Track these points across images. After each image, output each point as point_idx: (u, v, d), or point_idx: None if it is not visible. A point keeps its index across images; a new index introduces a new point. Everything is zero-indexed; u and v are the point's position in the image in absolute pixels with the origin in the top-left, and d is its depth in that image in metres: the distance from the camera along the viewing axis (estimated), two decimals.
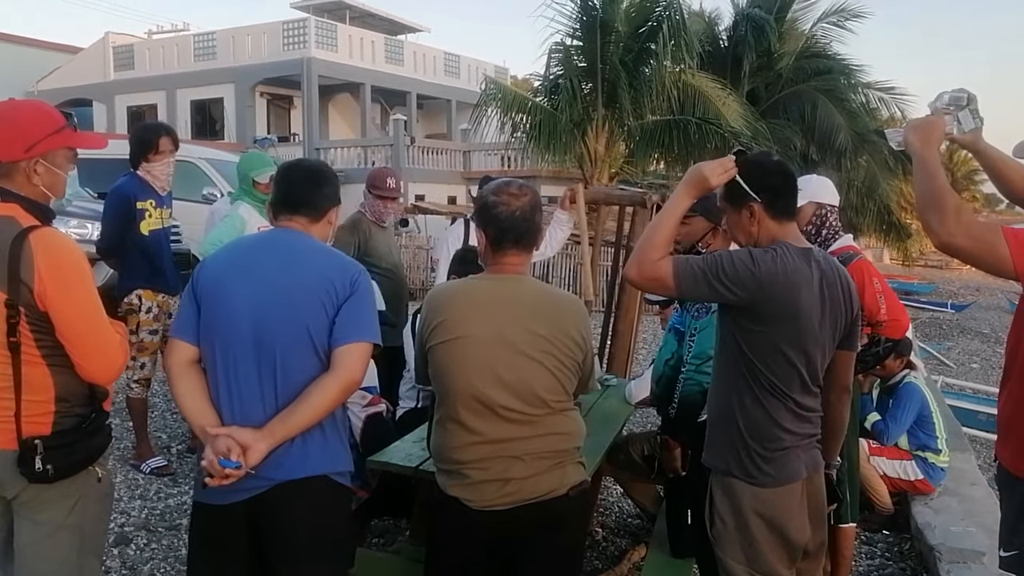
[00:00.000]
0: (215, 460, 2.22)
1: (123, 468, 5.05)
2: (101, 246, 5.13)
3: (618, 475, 4.51)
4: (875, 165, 20.53)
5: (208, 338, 2.38)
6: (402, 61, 30.48)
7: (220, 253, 2.56)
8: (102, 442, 2.38)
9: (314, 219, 2.51)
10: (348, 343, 2.35)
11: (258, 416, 2.32)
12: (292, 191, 2.51)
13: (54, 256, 2.19)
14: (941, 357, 13.90)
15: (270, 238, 2.52)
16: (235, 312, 2.34)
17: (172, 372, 2.40)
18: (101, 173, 9.70)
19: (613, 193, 6.33)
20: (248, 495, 2.32)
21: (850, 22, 20.48)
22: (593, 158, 16.54)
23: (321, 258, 2.46)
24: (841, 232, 3.99)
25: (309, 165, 2.63)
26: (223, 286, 2.38)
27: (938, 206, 2.15)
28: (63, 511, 2.32)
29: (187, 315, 2.41)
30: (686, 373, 3.35)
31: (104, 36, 30.90)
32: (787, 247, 2.51)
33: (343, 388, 2.36)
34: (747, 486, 2.55)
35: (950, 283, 30.47)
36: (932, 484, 4.99)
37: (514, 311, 2.45)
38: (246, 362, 2.34)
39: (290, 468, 2.33)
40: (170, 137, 5.02)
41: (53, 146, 2.30)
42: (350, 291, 2.39)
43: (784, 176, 2.61)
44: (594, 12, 15.51)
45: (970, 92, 2.51)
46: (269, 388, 2.34)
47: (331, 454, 2.44)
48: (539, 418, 2.45)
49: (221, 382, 2.36)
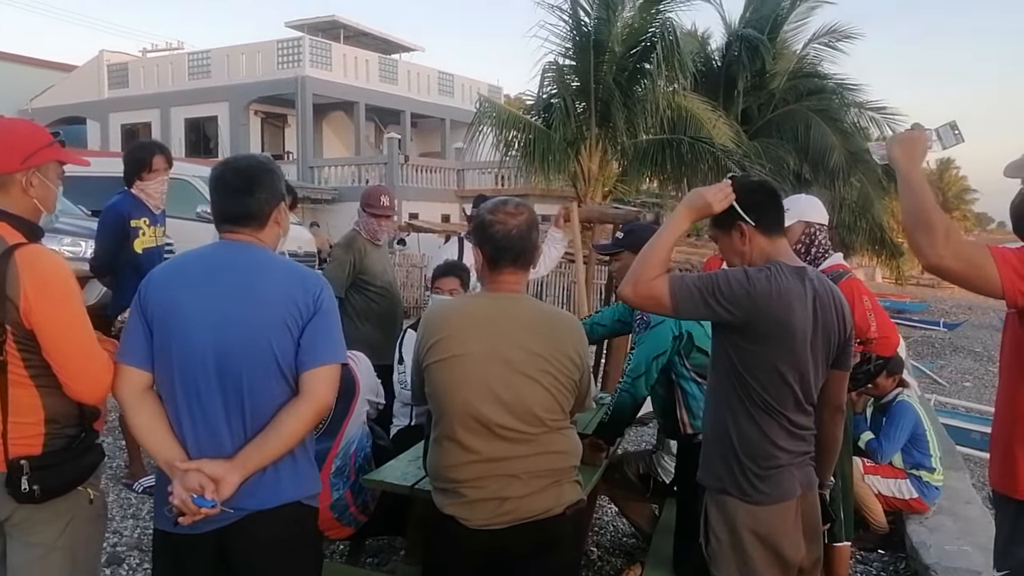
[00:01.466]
0: (188, 499, 2.11)
1: (116, 487, 5.02)
2: (95, 264, 5.12)
3: (613, 494, 4.50)
4: (868, 184, 20.65)
5: (164, 364, 2.23)
6: (396, 80, 30.60)
7: (166, 269, 2.36)
8: (92, 461, 2.35)
9: (258, 227, 2.33)
10: (316, 366, 2.24)
11: (225, 446, 2.20)
12: (225, 205, 2.32)
13: (40, 273, 2.17)
14: (934, 375, 13.93)
15: (221, 254, 2.32)
16: (194, 337, 2.19)
17: (126, 402, 2.25)
18: (95, 191, 9.71)
19: (607, 212, 6.36)
20: (218, 525, 2.21)
21: (841, 43, 20.69)
22: (587, 176, 16.58)
23: (280, 274, 2.30)
24: (831, 251, 4.01)
25: (238, 168, 2.34)
26: (177, 308, 2.22)
27: (927, 227, 2.15)
28: (55, 533, 2.30)
29: (136, 339, 2.24)
30: (623, 384, 3.48)
31: (99, 54, 30.97)
32: (781, 266, 2.53)
33: (316, 414, 2.26)
34: (741, 504, 2.55)
35: (942, 302, 30.59)
36: (927, 503, 4.99)
37: (511, 330, 2.46)
38: (209, 389, 2.20)
39: (262, 497, 2.23)
40: (164, 156, 5.02)
41: (47, 158, 2.34)
42: (314, 309, 2.25)
43: (768, 192, 2.65)
44: (587, 32, 15.60)
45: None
46: (236, 416, 2.22)
47: (302, 479, 2.35)
48: (536, 437, 2.45)
49: (183, 411, 2.22)
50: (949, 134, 2.45)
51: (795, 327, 2.47)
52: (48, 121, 30.49)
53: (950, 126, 2.45)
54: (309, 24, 30.03)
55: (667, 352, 3.38)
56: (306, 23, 30.08)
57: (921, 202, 2.20)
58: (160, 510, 2.29)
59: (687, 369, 3.43)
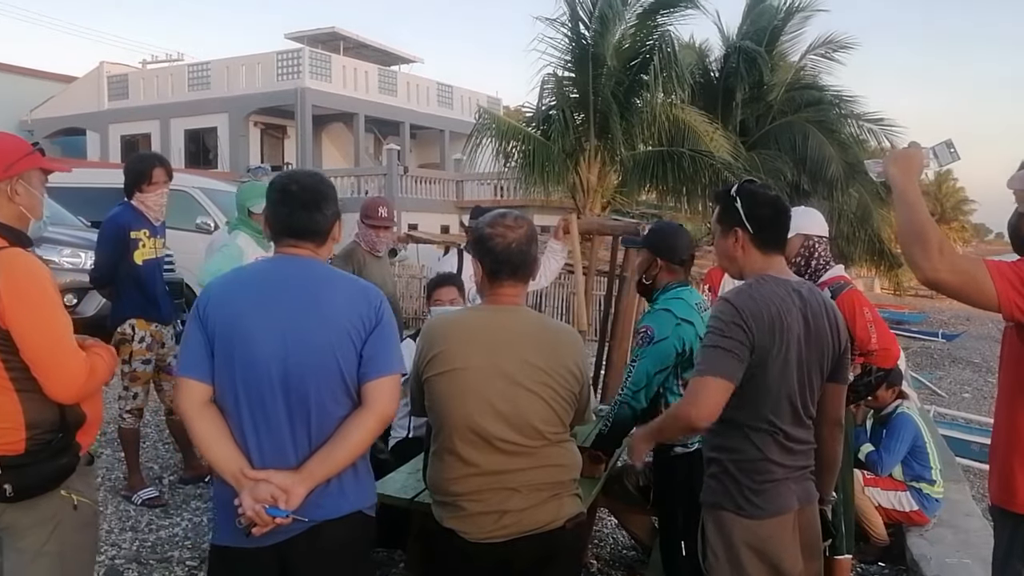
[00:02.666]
0: (261, 510, 2.14)
1: (114, 499, 5.01)
2: (95, 275, 5.13)
3: (613, 506, 4.49)
4: (866, 195, 20.68)
5: (228, 377, 2.23)
6: (395, 91, 30.68)
7: (227, 284, 2.38)
8: (67, 463, 2.34)
9: (321, 242, 2.38)
10: (380, 377, 2.28)
11: (289, 457, 2.23)
12: (295, 218, 2.34)
13: (15, 274, 2.23)
14: (933, 387, 13.91)
15: (284, 268, 2.35)
16: (260, 350, 2.21)
17: (189, 414, 2.24)
18: (95, 202, 9.73)
19: (607, 223, 6.36)
20: (284, 537, 2.23)
21: (838, 53, 20.77)
22: (585, 188, 16.62)
23: (343, 288, 2.35)
24: (831, 263, 4.01)
25: (306, 185, 2.38)
26: (241, 322, 2.24)
27: (922, 241, 2.17)
28: (41, 538, 2.33)
29: (198, 352, 2.25)
30: (622, 396, 3.44)
31: (99, 65, 31.04)
32: (766, 278, 2.54)
33: (381, 424, 2.31)
34: (738, 519, 2.55)
35: (941, 312, 30.57)
36: (927, 515, 4.98)
37: (511, 342, 2.46)
38: (274, 401, 2.22)
39: (329, 508, 2.26)
40: (164, 168, 5.04)
41: (28, 166, 2.40)
42: (376, 321, 2.30)
43: (775, 210, 2.64)
44: (585, 44, 15.67)
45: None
46: (301, 428, 2.24)
47: (363, 489, 2.39)
48: (536, 450, 2.45)
49: (247, 423, 2.24)
50: (945, 152, 2.46)
51: (787, 340, 2.48)
52: (48, 132, 30.61)
53: (946, 144, 2.47)
54: (309, 36, 30.12)
55: (669, 368, 3.37)
56: (306, 35, 30.17)
57: (917, 217, 2.21)
58: (224, 525, 2.30)
59: (678, 384, 3.41)
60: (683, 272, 3.53)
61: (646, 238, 3.63)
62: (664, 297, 3.45)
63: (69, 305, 8.38)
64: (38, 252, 7.62)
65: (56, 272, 8.91)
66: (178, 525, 4.70)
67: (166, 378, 5.19)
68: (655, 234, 3.60)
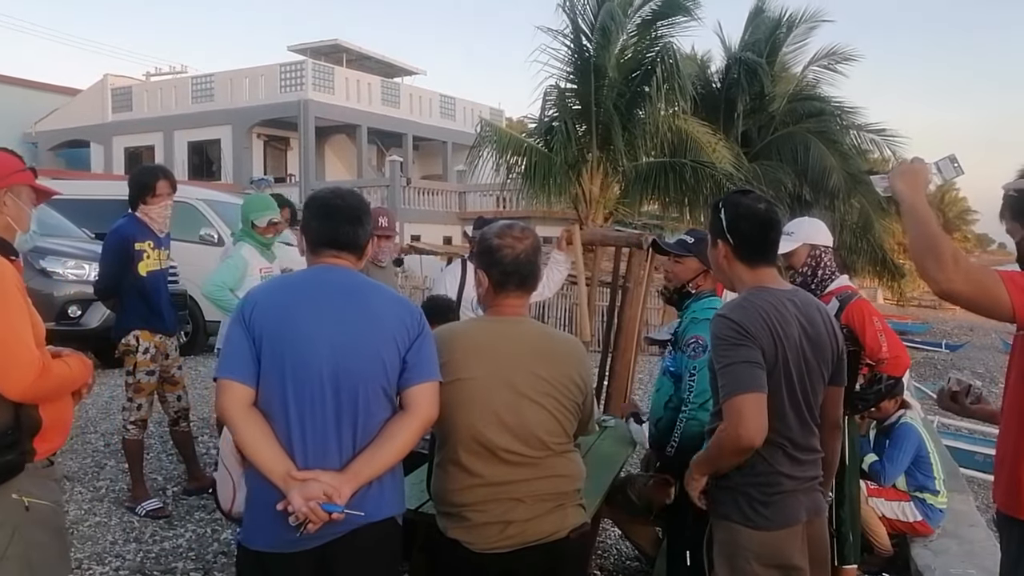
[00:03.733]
0: (316, 506, 2.16)
1: (118, 511, 5.01)
2: (99, 287, 5.15)
3: (616, 517, 4.48)
4: (868, 206, 20.69)
5: (276, 380, 2.28)
6: (398, 103, 30.78)
7: (273, 290, 2.46)
8: (12, 462, 2.34)
9: (360, 255, 2.50)
10: (422, 382, 2.35)
11: (332, 460, 2.27)
12: (339, 231, 2.43)
13: None
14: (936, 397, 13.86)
15: (329, 276, 2.43)
16: (312, 354, 2.27)
17: (234, 415, 2.28)
18: (99, 214, 9.77)
19: (609, 234, 6.37)
20: (323, 541, 2.26)
21: (841, 65, 20.81)
22: (588, 199, 16.66)
23: (388, 297, 2.46)
24: (837, 273, 4.02)
25: (350, 201, 2.49)
26: (292, 325, 2.30)
27: (935, 253, 2.17)
28: (2, 542, 2.34)
29: (242, 355, 2.29)
30: (688, 412, 3.33)
31: (103, 78, 31.18)
32: (758, 290, 2.55)
33: (424, 428, 2.37)
34: (746, 530, 2.54)
35: (944, 323, 30.53)
36: (931, 525, 4.97)
37: (515, 353, 2.47)
38: (324, 404, 2.27)
39: (371, 510, 2.29)
40: (168, 180, 5.06)
41: (19, 181, 2.52)
42: (419, 330, 2.38)
43: (756, 222, 2.59)
44: (587, 56, 15.73)
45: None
46: (347, 431, 2.29)
47: (400, 495, 2.47)
48: (540, 460, 2.46)
49: (294, 425, 2.27)
50: (949, 167, 2.48)
51: (787, 348, 2.48)
52: (52, 144, 30.73)
53: (950, 159, 2.49)
54: (312, 48, 30.23)
55: None
56: (309, 47, 30.29)
57: (927, 230, 2.21)
58: (259, 528, 2.33)
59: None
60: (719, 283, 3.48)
61: (696, 246, 3.49)
62: (699, 306, 3.41)
63: (73, 317, 8.42)
64: (43, 263, 7.71)
65: (60, 284, 8.98)
66: (182, 536, 4.70)
67: (170, 389, 5.20)
68: (704, 243, 3.49)
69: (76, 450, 6.15)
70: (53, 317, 8.15)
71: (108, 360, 8.90)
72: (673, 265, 3.59)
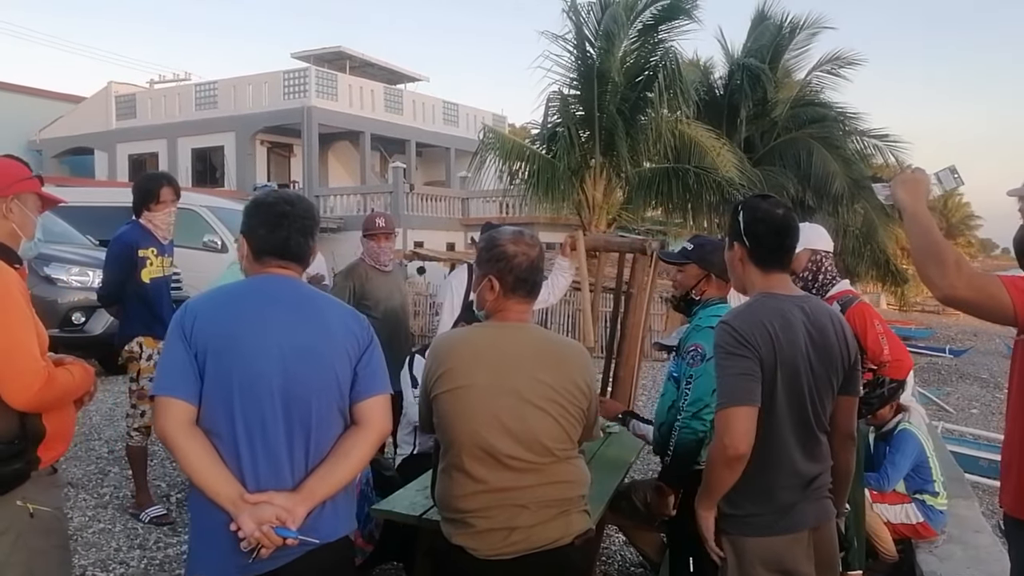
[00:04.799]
0: (269, 530, 2.06)
1: (122, 517, 5.01)
2: (102, 293, 5.15)
3: (621, 523, 4.47)
4: (872, 211, 20.70)
5: (222, 396, 2.15)
6: (401, 110, 30.83)
7: (214, 301, 2.31)
8: (13, 472, 2.34)
9: (305, 266, 2.41)
10: (374, 395, 2.30)
11: (286, 478, 2.17)
12: (289, 241, 2.31)
13: None
14: (940, 402, 13.86)
15: (274, 286, 2.30)
16: (261, 368, 2.16)
17: (175, 436, 2.13)
18: (103, 221, 9.80)
19: (613, 240, 6.36)
20: (276, 565, 2.15)
21: (844, 69, 20.81)
22: (591, 205, 16.66)
23: (336, 309, 2.37)
24: (838, 278, 4.03)
25: (302, 211, 2.35)
26: (237, 339, 2.17)
27: (938, 260, 2.18)
28: (5, 548, 2.35)
29: (182, 370, 2.15)
30: (681, 421, 3.33)
31: (107, 85, 31.27)
32: (766, 296, 2.55)
33: (379, 442, 2.33)
34: (751, 538, 2.53)
35: (947, 328, 30.49)
36: (933, 527, 4.96)
37: (519, 359, 2.47)
38: (275, 421, 2.17)
39: (325, 531, 2.21)
40: (172, 187, 5.07)
41: (25, 189, 2.55)
42: (368, 340, 2.33)
43: (772, 227, 2.60)
44: (591, 62, 15.74)
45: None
46: (300, 448, 2.19)
47: (351, 512, 2.39)
48: (544, 466, 2.45)
49: (242, 444, 2.15)
50: (949, 177, 2.50)
51: (794, 355, 2.48)
52: (56, 152, 30.81)
53: (950, 170, 2.51)
54: (315, 55, 30.30)
55: None
56: (312, 54, 30.35)
57: (930, 237, 2.23)
58: (207, 557, 2.22)
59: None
60: (727, 287, 3.48)
61: (695, 252, 3.53)
62: (706, 313, 3.37)
63: (77, 323, 8.44)
64: (47, 270, 7.72)
65: (64, 290, 9.00)
66: (185, 543, 4.68)
67: None
68: (704, 249, 3.51)
69: (80, 457, 6.16)
70: (57, 324, 8.18)
71: (111, 367, 8.91)
72: (677, 273, 3.60)
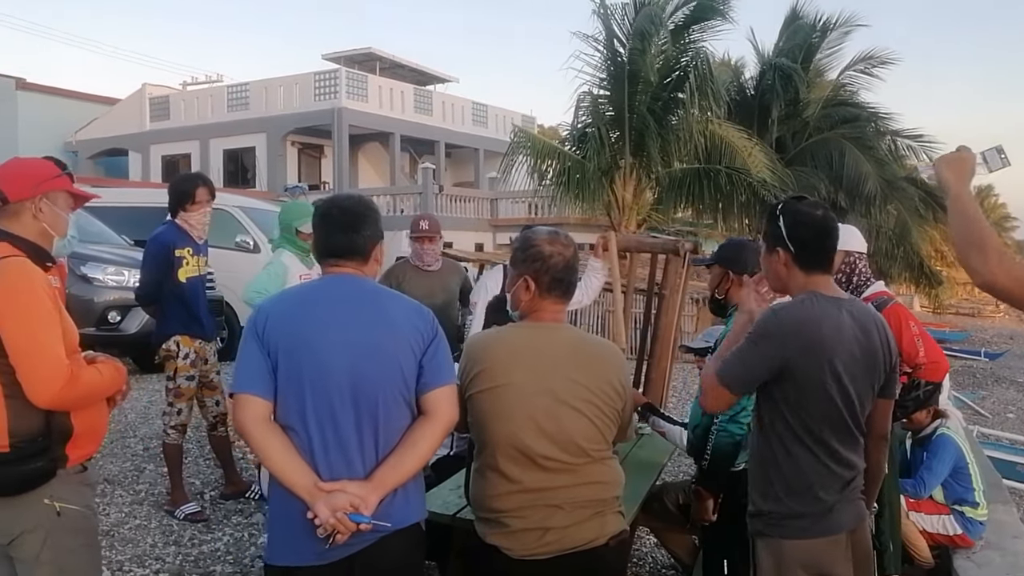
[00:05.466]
0: (344, 516, 2.17)
1: (157, 514, 5.07)
2: (140, 293, 5.21)
3: (652, 524, 4.46)
4: (905, 212, 20.46)
5: (295, 392, 2.27)
6: (431, 111, 30.94)
7: (284, 302, 2.44)
8: (37, 470, 2.39)
9: (362, 261, 2.45)
10: (441, 386, 2.37)
11: (357, 468, 2.28)
12: (333, 240, 2.43)
13: (8, 278, 2.35)
14: (975, 407, 13.67)
15: (337, 286, 2.42)
16: (330, 364, 2.27)
17: (254, 430, 2.26)
18: (137, 221, 9.92)
19: (645, 241, 6.34)
20: (351, 551, 2.25)
21: (878, 69, 20.58)
22: (621, 206, 16.61)
23: (400, 303, 2.46)
24: (872, 279, 3.99)
25: (345, 207, 2.47)
26: (309, 337, 2.29)
27: (980, 246, 2.13)
28: (35, 547, 2.41)
29: (258, 369, 2.28)
30: (718, 424, 3.32)
31: (141, 87, 31.69)
32: (817, 297, 2.53)
33: (446, 432, 2.39)
34: (789, 541, 2.52)
35: (983, 331, 30.06)
36: (971, 538, 4.89)
37: (554, 359, 2.47)
38: (344, 414, 2.27)
39: (397, 518, 2.29)
40: (207, 188, 5.13)
41: (55, 187, 2.57)
42: (433, 333, 2.39)
43: (816, 230, 2.60)
44: (621, 63, 15.70)
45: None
46: (369, 439, 2.29)
47: (422, 500, 2.47)
48: (579, 467, 2.45)
49: (315, 436, 2.27)
50: (996, 158, 2.41)
51: (836, 354, 2.46)
52: (92, 153, 31.26)
53: (996, 150, 2.42)
54: (346, 56, 30.50)
55: None
56: (343, 55, 30.55)
57: (972, 221, 2.17)
58: (283, 543, 2.32)
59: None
60: None
61: (717, 254, 3.58)
62: None
63: (113, 322, 8.55)
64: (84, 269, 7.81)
65: (100, 290, 9.10)
66: (220, 540, 4.75)
67: (208, 394, 5.26)
68: (725, 249, 3.57)
69: (116, 454, 6.24)
70: (93, 323, 8.29)
71: (146, 365, 9.04)
72: (708, 275, 3.63)
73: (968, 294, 44.71)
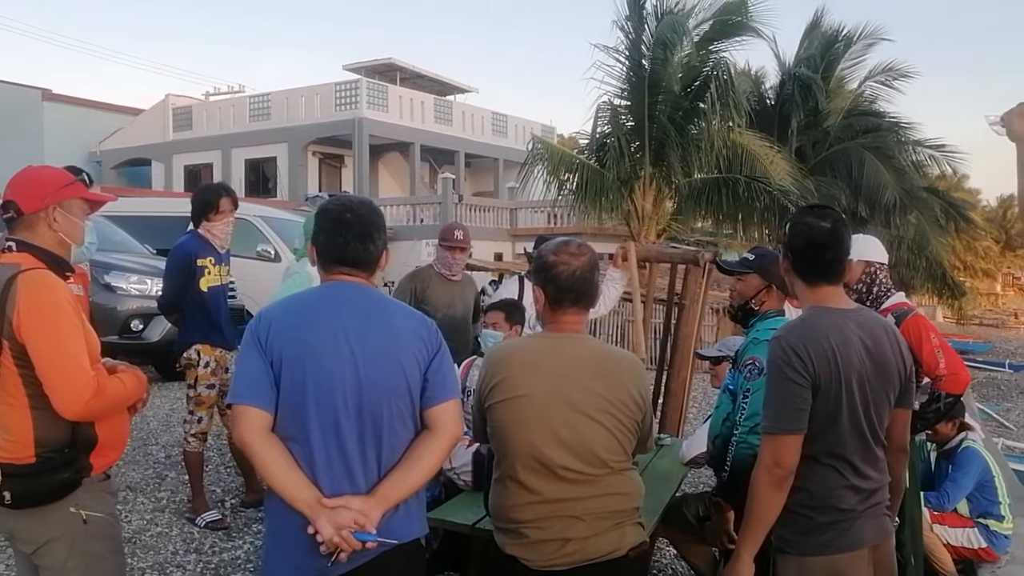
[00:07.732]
0: (348, 535, 2.11)
1: (179, 521, 5.10)
2: (162, 302, 5.26)
3: (672, 536, 4.44)
4: (925, 222, 20.32)
5: (298, 403, 2.19)
6: (451, 121, 31.04)
7: (287, 309, 2.34)
8: (66, 478, 2.41)
9: (372, 271, 2.38)
10: (445, 401, 2.31)
11: (359, 483, 2.21)
12: (350, 249, 2.31)
13: (33, 291, 2.35)
14: (1000, 419, 13.51)
15: (343, 293, 2.32)
16: (334, 374, 2.20)
17: (253, 442, 2.17)
18: (160, 230, 10.02)
19: (665, 251, 6.34)
20: (352, 566, 2.19)
21: (898, 81, 20.49)
22: (640, 215, 16.59)
23: (405, 313, 2.41)
24: (893, 289, 3.96)
25: (361, 215, 2.34)
26: (315, 346, 2.21)
27: None
28: (62, 554, 2.44)
29: (258, 379, 2.19)
30: (738, 435, 3.29)
31: (164, 98, 31.98)
32: (819, 310, 2.51)
33: (450, 447, 2.33)
34: (808, 558, 2.49)
35: (1008, 342, 29.71)
36: (996, 552, 4.84)
37: (573, 370, 2.47)
38: (348, 424, 2.20)
39: (398, 533, 2.24)
40: (230, 198, 5.17)
41: (67, 195, 2.54)
42: (437, 346, 2.34)
43: (807, 241, 2.55)
44: (642, 72, 15.70)
45: None
46: (372, 452, 2.23)
47: (423, 515, 2.43)
48: (598, 478, 2.45)
49: (317, 449, 2.19)
50: None
51: (850, 371, 2.44)
52: (115, 163, 31.58)
53: None
54: (366, 67, 30.64)
55: None
56: (363, 66, 30.70)
57: None
58: (280, 560, 2.27)
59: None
60: (784, 299, 3.45)
61: (756, 262, 3.48)
62: (763, 325, 3.33)
63: (135, 330, 8.63)
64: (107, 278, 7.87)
65: (123, 298, 9.18)
66: (240, 548, 4.77)
67: None
68: (765, 259, 3.45)
69: (138, 461, 6.29)
70: (116, 331, 8.37)
71: (168, 373, 9.10)
72: (736, 283, 3.57)
73: (992, 305, 44.19)
